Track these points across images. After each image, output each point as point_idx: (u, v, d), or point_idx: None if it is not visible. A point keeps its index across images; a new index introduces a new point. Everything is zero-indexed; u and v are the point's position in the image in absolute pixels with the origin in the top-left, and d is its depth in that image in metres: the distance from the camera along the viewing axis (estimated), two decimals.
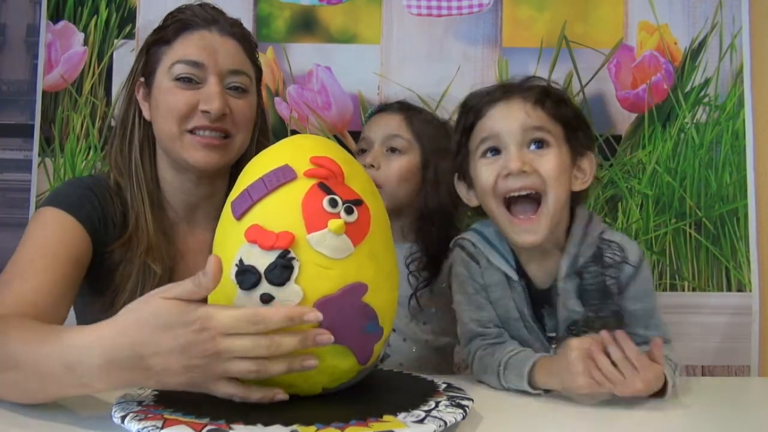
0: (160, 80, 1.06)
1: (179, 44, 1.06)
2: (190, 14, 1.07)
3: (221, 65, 1.05)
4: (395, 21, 1.68)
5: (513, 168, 0.97)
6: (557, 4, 1.69)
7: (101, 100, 1.65)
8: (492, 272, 1.05)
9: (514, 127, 0.99)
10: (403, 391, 0.81)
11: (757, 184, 1.65)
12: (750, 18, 1.68)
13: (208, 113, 1.03)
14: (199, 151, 1.05)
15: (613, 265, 1.00)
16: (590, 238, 1.02)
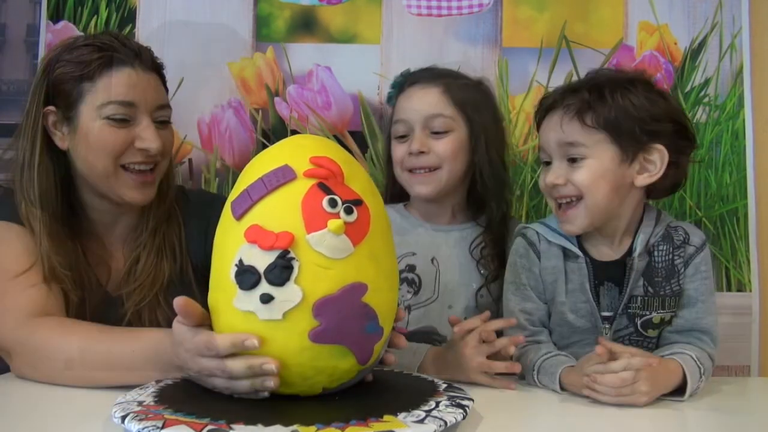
0: (87, 117, 1.06)
1: (105, 83, 1.06)
2: (110, 49, 1.07)
3: (150, 103, 1.09)
4: (395, 21, 1.68)
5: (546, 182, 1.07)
6: (557, 4, 1.68)
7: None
8: (550, 255, 1.10)
9: (552, 142, 1.06)
10: (403, 391, 0.82)
11: (757, 184, 1.64)
12: (750, 18, 1.68)
13: (146, 151, 1.07)
14: (134, 190, 1.09)
15: (680, 245, 1.07)
16: (660, 226, 1.08)
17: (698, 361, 0.98)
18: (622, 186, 1.04)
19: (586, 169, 1.03)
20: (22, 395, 0.91)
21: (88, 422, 0.77)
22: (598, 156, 1.03)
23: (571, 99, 1.04)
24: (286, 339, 0.72)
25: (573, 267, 1.09)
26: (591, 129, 1.02)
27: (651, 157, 1.03)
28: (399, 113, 1.24)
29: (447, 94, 1.21)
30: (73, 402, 0.87)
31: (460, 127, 1.21)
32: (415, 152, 1.18)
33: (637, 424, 0.85)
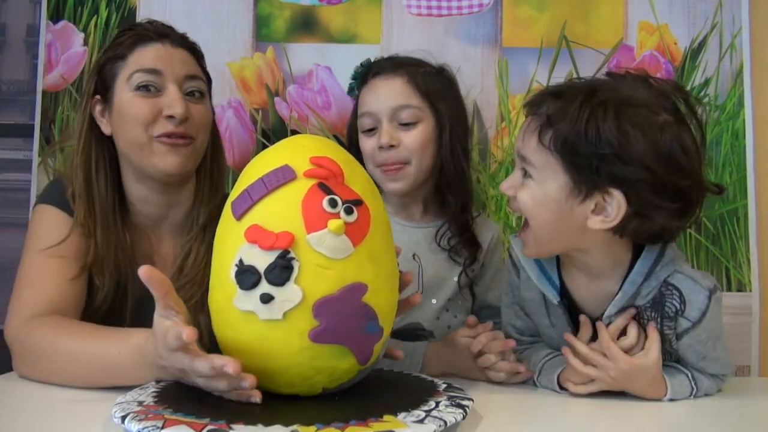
0: (120, 93, 1.10)
1: (134, 57, 1.10)
2: (141, 30, 1.12)
3: (178, 72, 1.10)
4: (395, 21, 1.68)
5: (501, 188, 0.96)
6: (557, 4, 1.68)
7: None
8: (529, 287, 1.02)
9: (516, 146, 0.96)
10: (403, 391, 0.81)
11: (757, 184, 1.65)
12: (750, 18, 1.68)
13: (172, 118, 1.08)
14: (167, 156, 1.09)
15: (672, 317, 0.93)
16: (654, 280, 0.93)
17: (694, 382, 0.95)
18: (571, 222, 0.90)
19: (528, 191, 0.91)
20: (23, 395, 0.91)
21: (88, 422, 0.77)
22: (543, 181, 0.89)
23: (544, 107, 0.90)
24: (286, 339, 0.72)
25: (554, 307, 1.00)
26: (545, 150, 0.88)
27: (608, 200, 0.87)
28: (364, 106, 1.21)
29: (412, 83, 1.19)
30: (73, 402, 0.87)
31: (427, 117, 1.20)
32: (386, 146, 1.17)
33: (636, 423, 0.85)
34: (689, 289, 0.92)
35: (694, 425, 0.88)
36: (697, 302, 0.92)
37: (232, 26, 1.67)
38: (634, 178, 0.85)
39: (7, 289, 1.07)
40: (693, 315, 0.92)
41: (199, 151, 1.15)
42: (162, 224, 1.18)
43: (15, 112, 1.70)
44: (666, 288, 0.92)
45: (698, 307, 0.91)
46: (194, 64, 1.15)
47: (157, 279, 0.75)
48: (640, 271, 0.92)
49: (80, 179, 1.10)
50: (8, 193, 1.68)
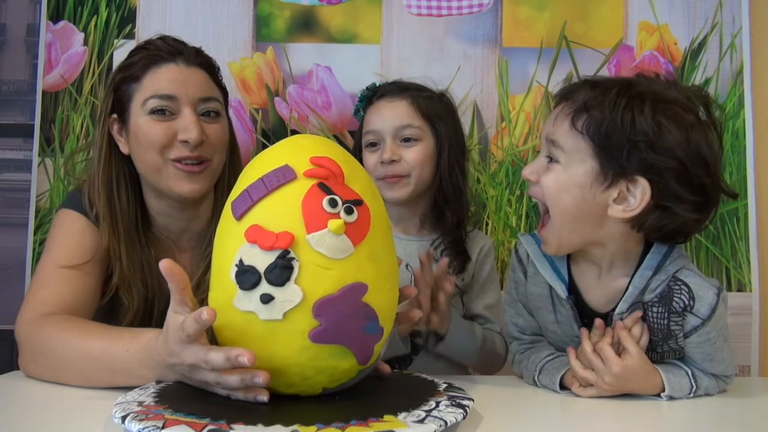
0: (135, 116, 1.10)
1: (148, 80, 1.10)
2: (154, 49, 1.11)
3: (192, 95, 1.10)
4: (395, 21, 1.68)
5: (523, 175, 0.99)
6: (557, 4, 1.69)
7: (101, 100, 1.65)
8: (537, 282, 1.02)
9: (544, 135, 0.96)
10: (403, 391, 0.81)
11: (757, 184, 1.65)
12: (750, 18, 1.68)
13: (187, 143, 1.09)
14: (182, 181, 1.10)
15: (680, 312, 0.93)
16: (664, 274, 0.93)
17: (694, 380, 0.94)
18: (592, 210, 0.90)
19: (553, 175, 0.92)
20: (23, 395, 0.91)
21: (89, 422, 0.77)
22: (570, 164, 0.91)
23: (579, 95, 0.92)
24: (286, 339, 0.72)
25: (562, 303, 1.00)
26: (577, 134, 0.90)
27: (633, 190, 0.89)
28: (369, 125, 1.29)
29: (414, 105, 1.27)
30: (74, 402, 0.87)
31: (427, 137, 1.27)
32: (387, 161, 1.24)
33: (637, 423, 0.85)
34: (698, 285, 0.92)
35: (693, 425, 0.88)
36: (706, 298, 0.92)
37: (232, 26, 1.67)
38: (663, 167, 0.86)
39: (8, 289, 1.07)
40: (702, 311, 0.92)
41: (216, 170, 1.15)
42: (183, 236, 1.20)
43: (15, 112, 1.70)
44: (674, 283, 0.93)
45: (708, 303, 0.92)
46: (209, 83, 1.14)
47: (177, 273, 0.76)
48: (650, 265, 0.93)
49: (103, 199, 1.11)
50: (8, 193, 1.68)
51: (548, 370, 1.00)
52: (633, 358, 0.92)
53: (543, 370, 1.01)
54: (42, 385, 0.94)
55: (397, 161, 1.24)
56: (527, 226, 1.65)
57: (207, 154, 1.11)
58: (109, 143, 1.14)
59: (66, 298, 1.04)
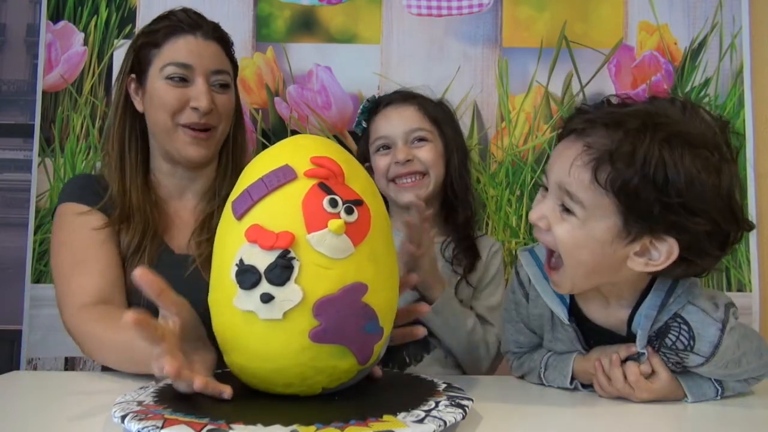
0: (153, 79, 1.19)
1: (168, 48, 1.18)
2: (176, 20, 1.20)
3: (206, 66, 1.19)
4: (395, 21, 1.68)
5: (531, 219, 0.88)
6: (557, 4, 1.69)
7: (101, 100, 1.65)
8: (538, 305, 0.99)
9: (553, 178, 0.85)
10: (402, 391, 0.81)
11: (757, 184, 1.65)
12: (750, 18, 1.68)
13: (197, 110, 1.17)
14: (189, 146, 1.20)
15: (676, 351, 0.89)
16: (666, 314, 0.89)
17: (718, 383, 0.93)
18: (611, 262, 0.84)
19: (568, 228, 0.83)
20: (23, 395, 0.91)
21: (89, 422, 0.76)
22: (589, 220, 0.82)
23: (599, 137, 0.80)
24: (286, 339, 0.72)
25: (564, 327, 0.97)
26: (600, 188, 0.79)
27: (658, 245, 0.81)
28: (378, 132, 1.33)
29: (422, 110, 1.32)
30: (73, 402, 0.87)
31: (436, 140, 1.32)
32: (402, 161, 1.28)
33: (637, 423, 0.85)
34: (699, 322, 0.88)
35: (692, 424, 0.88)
36: (707, 336, 0.87)
37: (232, 26, 1.66)
38: (697, 229, 0.78)
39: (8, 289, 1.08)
40: (704, 350, 0.88)
41: (220, 138, 1.24)
42: (184, 195, 1.27)
43: (15, 112, 1.70)
44: (673, 320, 0.89)
45: (709, 341, 0.87)
46: (222, 57, 1.23)
47: (148, 280, 0.76)
48: (653, 305, 0.89)
49: (116, 150, 1.21)
50: (8, 193, 1.68)
51: (555, 366, 1.00)
52: (662, 381, 0.91)
53: (549, 365, 1.01)
54: (42, 385, 0.95)
55: (411, 161, 1.28)
56: (527, 226, 1.64)
57: (213, 122, 1.20)
58: (126, 100, 1.22)
59: (97, 284, 1.10)
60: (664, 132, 0.78)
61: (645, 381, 0.91)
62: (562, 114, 1.67)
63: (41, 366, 1.60)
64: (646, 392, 0.91)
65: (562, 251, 0.84)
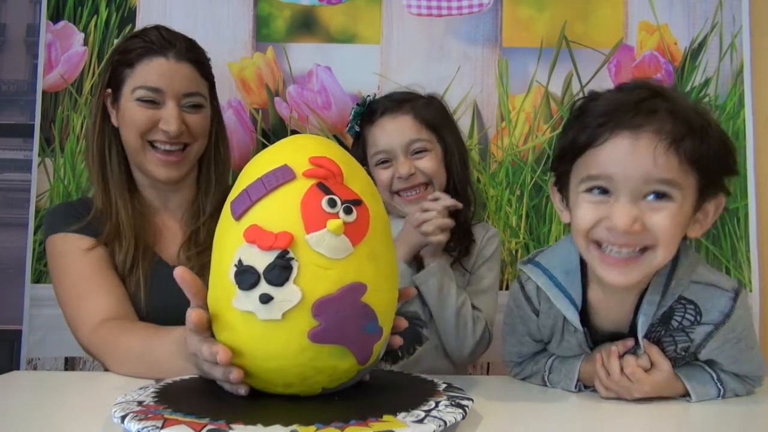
0: (125, 99, 1.20)
1: (140, 70, 1.19)
2: (149, 41, 1.20)
3: (177, 90, 1.20)
4: (395, 21, 1.68)
5: (618, 225, 0.83)
6: (557, 4, 1.69)
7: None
8: (550, 313, 0.99)
9: (634, 176, 0.82)
10: (402, 391, 0.81)
11: (757, 184, 1.65)
12: (750, 18, 1.68)
13: (167, 132, 1.19)
14: (160, 167, 1.21)
15: (682, 329, 0.92)
16: (671, 294, 0.91)
17: (720, 383, 0.95)
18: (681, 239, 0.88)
19: (668, 214, 0.83)
20: (23, 395, 0.91)
21: (88, 422, 0.77)
22: (684, 201, 0.83)
23: (662, 124, 0.82)
24: (285, 339, 0.72)
25: (571, 329, 0.98)
26: (687, 166, 0.82)
27: (707, 208, 0.87)
28: (377, 145, 1.32)
29: (418, 119, 1.31)
30: (74, 402, 0.87)
31: (435, 147, 1.32)
32: (405, 176, 1.28)
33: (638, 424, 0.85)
34: (706, 299, 0.90)
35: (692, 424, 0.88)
36: (717, 306, 0.90)
37: (232, 26, 1.67)
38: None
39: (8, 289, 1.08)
40: (713, 317, 0.90)
41: (194, 156, 1.25)
42: (168, 205, 1.29)
43: (15, 112, 1.70)
44: (678, 302, 0.91)
45: (719, 310, 0.90)
46: (195, 78, 1.23)
47: (188, 279, 0.78)
48: (655, 291, 0.91)
49: (96, 164, 1.23)
50: (8, 193, 1.69)
51: (560, 369, 1.00)
52: (663, 373, 0.92)
53: (554, 369, 1.01)
54: (42, 385, 0.95)
55: (414, 174, 1.29)
56: (527, 226, 1.65)
57: (186, 140, 1.22)
58: (104, 113, 1.24)
59: (106, 303, 1.11)
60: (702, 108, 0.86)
61: (644, 373, 0.91)
62: (562, 114, 1.67)
63: (41, 366, 1.60)
64: (646, 384, 0.91)
65: (663, 240, 0.84)
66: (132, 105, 1.19)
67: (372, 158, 1.34)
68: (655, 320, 0.92)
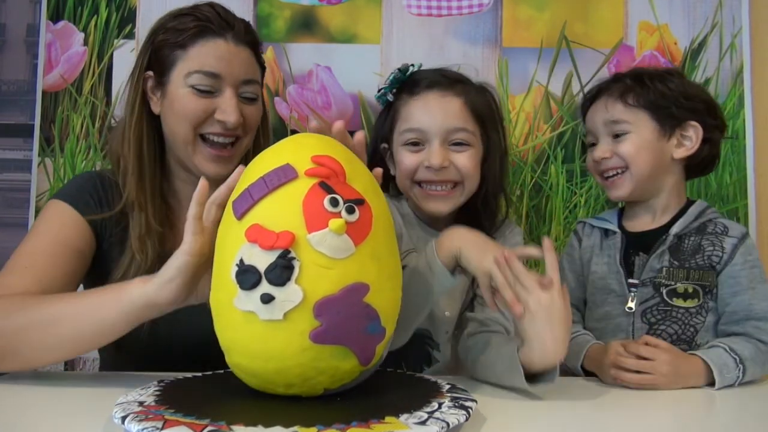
0: (176, 84, 1.08)
1: (195, 52, 1.07)
2: (205, 19, 1.08)
3: (236, 76, 1.08)
4: (395, 21, 1.68)
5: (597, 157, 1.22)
6: (557, 4, 1.69)
7: (101, 100, 1.65)
8: (591, 237, 1.26)
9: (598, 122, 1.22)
10: (405, 392, 0.81)
11: (757, 184, 1.65)
12: (750, 18, 1.68)
13: (224, 123, 1.07)
14: (209, 163, 1.09)
15: (714, 234, 1.16)
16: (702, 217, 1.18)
17: (732, 352, 1.02)
18: (663, 159, 1.19)
19: (629, 142, 1.18)
20: (23, 396, 0.91)
21: (89, 423, 0.76)
22: (639, 131, 1.18)
23: (614, 85, 1.21)
24: (286, 339, 0.72)
25: (609, 243, 1.22)
26: (632, 107, 1.18)
27: (687, 133, 1.19)
28: (411, 120, 1.13)
29: (468, 105, 1.13)
30: (74, 403, 0.86)
31: (478, 143, 1.15)
32: (436, 167, 1.10)
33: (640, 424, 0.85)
34: (729, 222, 1.18)
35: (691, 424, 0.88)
36: (737, 227, 1.17)
37: None
38: (700, 109, 1.19)
39: None
40: (736, 232, 1.15)
41: (242, 151, 1.14)
42: None
43: (15, 112, 1.70)
44: (709, 222, 1.18)
45: (739, 229, 1.16)
46: (253, 64, 1.12)
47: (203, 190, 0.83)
48: (693, 212, 1.19)
49: (132, 155, 1.10)
50: (8, 193, 1.68)
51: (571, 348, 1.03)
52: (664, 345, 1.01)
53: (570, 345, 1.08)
54: (40, 386, 0.94)
55: (446, 167, 1.11)
56: (527, 226, 1.65)
57: (240, 134, 1.11)
58: (143, 99, 1.11)
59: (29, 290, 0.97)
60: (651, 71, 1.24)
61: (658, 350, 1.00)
62: (562, 114, 1.67)
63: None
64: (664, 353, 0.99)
65: (631, 161, 1.18)
66: (185, 92, 1.06)
67: (400, 135, 1.15)
68: (690, 230, 1.17)
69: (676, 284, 1.14)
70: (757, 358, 1.04)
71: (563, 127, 1.67)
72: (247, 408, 0.73)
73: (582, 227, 1.29)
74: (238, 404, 0.74)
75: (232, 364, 0.78)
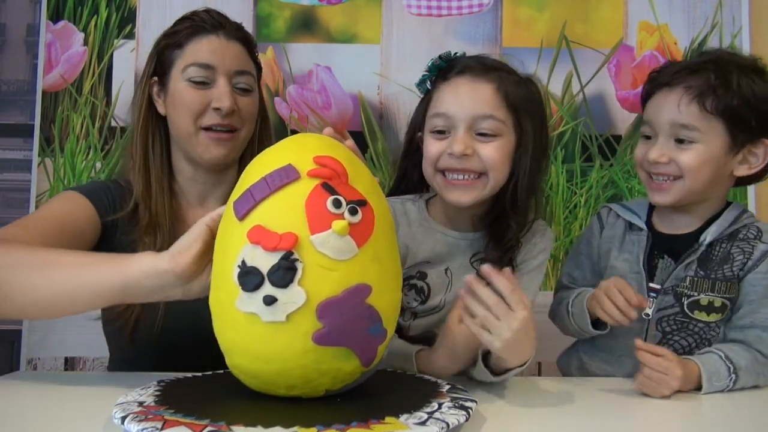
0: (175, 81, 1.17)
1: (190, 48, 1.17)
2: (199, 20, 1.19)
3: (229, 67, 1.17)
4: (395, 21, 1.68)
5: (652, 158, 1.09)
6: (557, 4, 1.69)
7: (101, 100, 1.65)
8: (615, 227, 1.18)
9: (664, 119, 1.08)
10: (405, 393, 0.81)
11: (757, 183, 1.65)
12: (750, 18, 1.68)
13: (219, 110, 1.15)
14: (211, 147, 1.17)
15: (746, 240, 1.09)
16: (737, 223, 1.10)
17: (727, 360, 0.99)
18: (722, 174, 1.08)
19: (694, 154, 1.06)
20: (22, 396, 0.91)
21: (89, 423, 0.76)
22: (708, 143, 1.05)
23: (693, 80, 1.06)
24: (289, 341, 0.72)
25: (633, 239, 1.15)
26: (709, 115, 1.04)
27: (756, 150, 1.07)
28: (440, 105, 1.07)
29: (500, 92, 1.05)
30: (74, 403, 0.86)
31: (509, 133, 1.06)
32: (457, 154, 1.03)
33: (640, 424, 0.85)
34: (764, 225, 1.10)
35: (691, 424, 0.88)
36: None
37: None
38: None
39: None
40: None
41: (243, 141, 1.22)
42: (206, 202, 1.25)
43: (15, 112, 1.70)
44: (743, 226, 1.10)
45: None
46: (245, 57, 1.21)
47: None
48: (728, 218, 1.10)
49: (139, 153, 1.19)
50: (8, 193, 1.68)
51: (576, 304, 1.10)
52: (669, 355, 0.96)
53: (575, 304, 1.12)
54: (40, 386, 0.94)
55: (469, 155, 1.03)
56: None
57: (236, 124, 1.18)
58: (149, 103, 1.21)
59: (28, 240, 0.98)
60: (739, 65, 1.08)
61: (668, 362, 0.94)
62: (562, 114, 1.67)
63: (41, 366, 1.60)
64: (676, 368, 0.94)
65: (688, 174, 1.06)
66: (183, 86, 1.16)
67: (429, 121, 1.09)
68: (723, 237, 1.09)
69: (699, 296, 1.08)
70: (752, 369, 1.00)
71: (563, 127, 1.67)
72: (246, 408, 0.73)
73: (607, 213, 1.20)
74: (237, 404, 0.74)
75: (233, 366, 0.77)
